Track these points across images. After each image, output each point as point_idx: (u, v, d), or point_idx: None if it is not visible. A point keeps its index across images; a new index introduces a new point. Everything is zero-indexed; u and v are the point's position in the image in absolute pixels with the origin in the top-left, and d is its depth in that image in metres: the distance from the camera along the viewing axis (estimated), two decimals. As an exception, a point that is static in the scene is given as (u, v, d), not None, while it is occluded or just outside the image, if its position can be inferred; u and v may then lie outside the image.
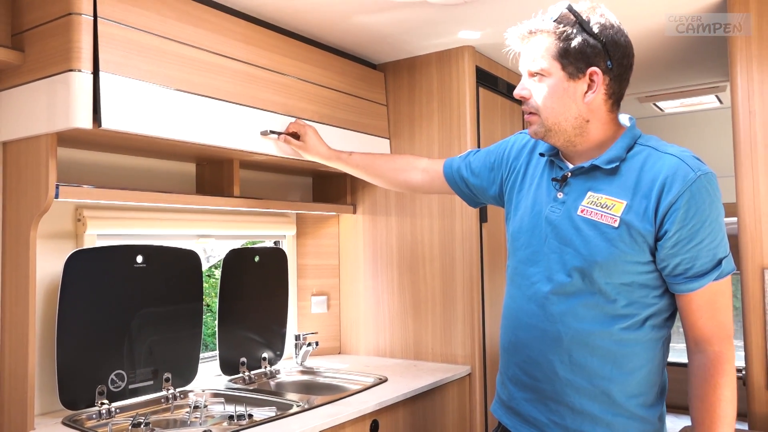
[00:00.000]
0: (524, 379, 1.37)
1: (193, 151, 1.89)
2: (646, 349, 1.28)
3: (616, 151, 1.28)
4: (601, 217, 1.26)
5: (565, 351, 1.29)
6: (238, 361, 2.16)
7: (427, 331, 2.39)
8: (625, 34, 1.29)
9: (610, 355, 1.27)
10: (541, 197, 1.37)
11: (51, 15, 1.47)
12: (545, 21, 1.29)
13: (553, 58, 1.27)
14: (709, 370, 1.23)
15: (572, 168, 1.33)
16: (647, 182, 1.24)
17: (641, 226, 1.22)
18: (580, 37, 1.25)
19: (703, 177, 1.21)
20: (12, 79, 1.56)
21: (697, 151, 1.27)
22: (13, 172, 1.58)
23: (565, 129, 1.30)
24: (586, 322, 1.28)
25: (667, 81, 2.97)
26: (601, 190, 1.28)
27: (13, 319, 1.55)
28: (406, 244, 2.46)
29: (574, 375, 1.29)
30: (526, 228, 1.39)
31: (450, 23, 2.10)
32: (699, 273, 1.22)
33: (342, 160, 1.92)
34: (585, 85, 1.28)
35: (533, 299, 1.35)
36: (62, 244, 1.75)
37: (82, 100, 1.43)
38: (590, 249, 1.26)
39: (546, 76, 1.29)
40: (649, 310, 1.27)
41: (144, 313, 1.83)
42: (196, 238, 2.18)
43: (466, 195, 1.68)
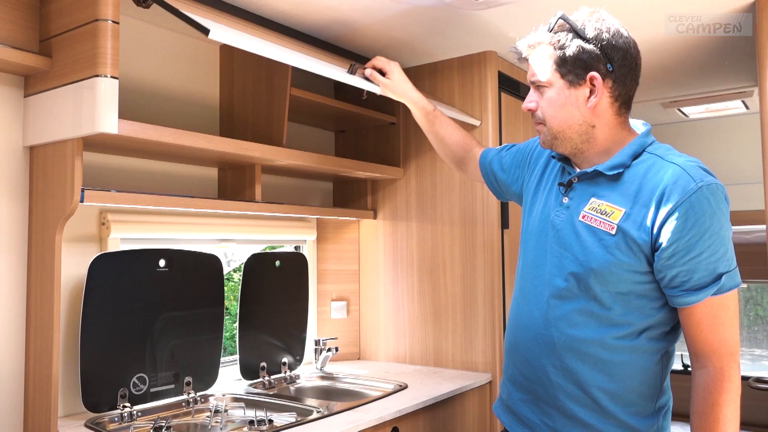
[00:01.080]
0: (521, 380, 1.39)
1: (215, 156, 1.90)
2: (640, 360, 1.26)
3: (621, 158, 1.28)
4: (600, 223, 1.26)
5: (557, 356, 1.30)
6: (258, 366, 2.16)
7: (447, 338, 2.38)
8: (625, 36, 1.29)
9: (601, 363, 1.26)
10: (550, 201, 1.39)
11: (78, 21, 1.49)
12: (542, 33, 1.32)
13: (552, 68, 1.30)
14: (710, 387, 1.20)
15: (577, 173, 1.34)
16: (648, 191, 1.23)
17: (637, 234, 1.22)
18: (576, 44, 1.27)
19: (705, 188, 1.19)
20: (40, 84, 1.58)
21: (723, 158, 1.26)
22: (40, 176, 1.60)
23: (570, 136, 1.32)
24: (579, 328, 1.28)
25: (692, 86, 2.92)
26: (603, 197, 1.28)
27: (38, 322, 1.57)
28: (426, 249, 2.45)
29: (565, 380, 1.29)
30: (534, 231, 1.40)
31: (472, 28, 2.09)
32: (697, 286, 1.19)
33: (423, 108, 1.83)
34: (587, 91, 1.28)
35: (532, 302, 1.36)
36: (86, 248, 1.77)
37: (108, 105, 1.44)
38: (587, 255, 1.26)
39: (548, 87, 1.31)
40: (646, 321, 1.26)
41: (166, 317, 1.84)
42: (218, 243, 2.19)
43: (495, 188, 1.71)
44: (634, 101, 3.42)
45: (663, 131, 3.65)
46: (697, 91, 3.01)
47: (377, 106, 2.52)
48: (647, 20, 2.03)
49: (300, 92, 2.05)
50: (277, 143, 1.96)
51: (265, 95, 2.02)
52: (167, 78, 1.99)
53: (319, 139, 2.63)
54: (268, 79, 2.01)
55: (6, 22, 1.54)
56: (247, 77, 2.08)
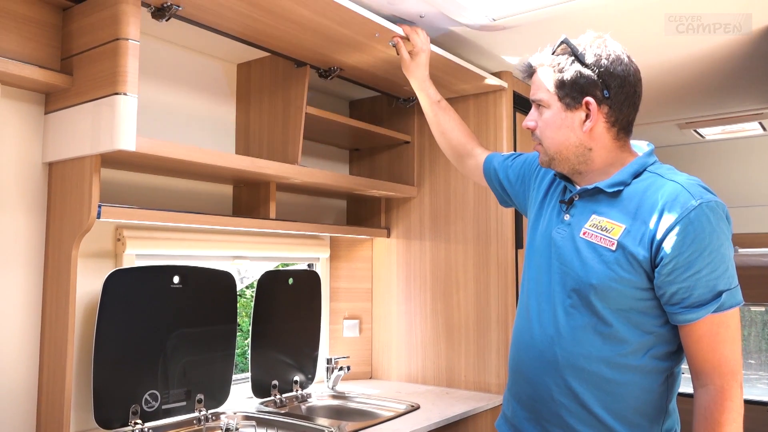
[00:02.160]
0: (524, 399, 1.38)
1: (230, 174, 1.91)
2: (644, 379, 1.26)
3: (622, 176, 1.30)
4: (600, 240, 1.27)
5: (559, 374, 1.30)
6: (269, 384, 2.15)
7: (460, 358, 2.36)
8: (625, 63, 1.30)
9: (604, 382, 1.26)
10: (552, 219, 1.39)
11: (99, 40, 1.51)
12: (545, 54, 1.35)
13: (550, 90, 1.32)
14: (710, 407, 1.19)
15: (578, 190, 1.35)
16: (647, 207, 1.24)
17: (637, 251, 1.22)
18: (574, 68, 1.29)
19: (705, 205, 1.19)
20: (60, 101, 1.61)
21: (740, 180, 1.26)
22: (58, 192, 1.61)
23: (567, 157, 1.34)
24: (582, 346, 1.27)
25: (708, 107, 2.91)
26: (604, 214, 1.29)
27: (52, 337, 1.58)
28: (439, 268, 2.44)
29: (569, 399, 1.28)
30: (537, 247, 1.41)
31: (487, 48, 2.10)
32: (696, 303, 1.19)
33: (430, 97, 1.86)
34: (583, 115, 1.30)
35: (534, 319, 1.36)
36: (102, 263, 1.78)
37: (127, 123, 1.46)
38: (587, 271, 1.27)
39: (546, 108, 1.34)
40: (649, 340, 1.25)
41: (179, 334, 1.84)
42: (232, 259, 2.19)
43: (499, 194, 1.72)
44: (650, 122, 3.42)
45: (679, 152, 3.63)
46: (714, 112, 3.00)
47: (392, 125, 2.53)
48: (659, 43, 2.03)
49: (315, 111, 2.06)
50: (292, 161, 1.97)
51: (280, 113, 2.03)
52: (185, 96, 2.02)
53: (334, 157, 2.64)
54: (284, 97, 2.03)
55: (29, 40, 1.57)
56: (264, 95, 2.09)
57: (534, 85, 1.37)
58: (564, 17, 1.82)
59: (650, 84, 2.54)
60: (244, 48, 1.91)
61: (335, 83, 2.19)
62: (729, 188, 3.45)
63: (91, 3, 1.56)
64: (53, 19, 1.62)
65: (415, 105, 2.49)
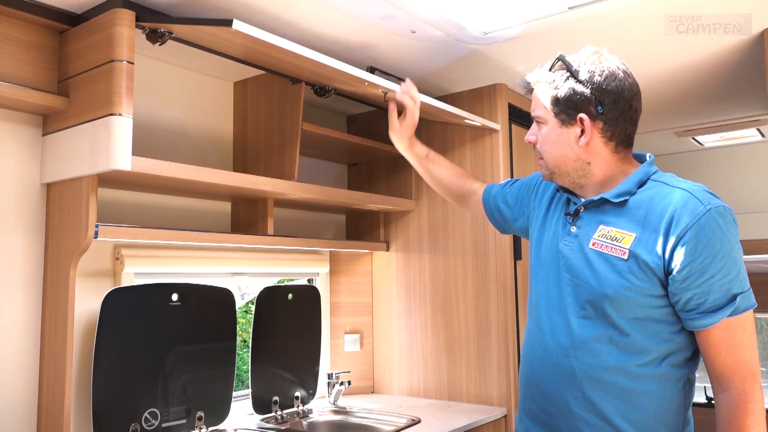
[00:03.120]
0: (540, 414, 1.36)
1: (228, 191, 1.93)
2: (663, 387, 1.25)
3: (627, 186, 1.30)
4: (611, 249, 1.27)
5: (577, 386, 1.28)
6: (270, 400, 2.15)
7: (461, 371, 2.35)
8: (620, 79, 1.31)
9: (624, 392, 1.25)
10: (558, 231, 1.39)
11: (94, 62, 1.54)
12: (542, 71, 1.37)
13: (546, 106, 1.35)
14: (734, 410, 1.19)
15: (584, 202, 1.35)
16: (656, 216, 1.24)
17: (650, 259, 1.22)
18: (569, 85, 1.31)
19: (714, 210, 1.20)
20: (57, 123, 1.63)
21: (740, 186, 1.27)
22: (56, 212, 1.63)
23: (566, 171, 1.36)
24: (600, 357, 1.26)
25: (706, 115, 2.91)
26: (612, 223, 1.29)
27: (51, 356, 1.59)
28: (439, 281, 2.44)
29: (587, 412, 1.27)
30: (544, 262, 1.41)
31: (482, 62, 2.11)
32: (712, 308, 1.19)
33: (418, 156, 1.89)
34: (578, 130, 1.32)
35: (547, 333, 1.35)
36: (100, 282, 1.79)
37: (122, 143, 1.48)
38: (600, 281, 1.26)
39: (543, 123, 1.37)
40: (666, 347, 1.25)
41: (178, 351, 1.84)
42: (231, 276, 2.20)
43: (498, 223, 1.73)
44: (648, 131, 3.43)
45: (678, 160, 3.63)
46: (711, 119, 3.00)
47: (389, 141, 2.54)
48: (656, 52, 2.04)
49: (311, 127, 2.08)
50: (289, 177, 1.98)
51: (277, 130, 2.05)
52: (182, 114, 2.04)
53: (332, 172, 2.66)
54: (280, 114, 2.05)
55: (27, 64, 1.60)
56: (260, 112, 2.11)
57: (533, 102, 1.39)
58: (556, 29, 1.84)
59: (648, 93, 2.54)
60: (239, 66, 1.93)
61: (332, 98, 2.21)
62: (729, 195, 3.42)
63: (86, 26, 1.58)
64: (50, 43, 1.65)
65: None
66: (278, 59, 1.77)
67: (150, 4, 1.61)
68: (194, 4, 1.62)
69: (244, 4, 1.63)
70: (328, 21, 1.75)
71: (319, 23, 1.77)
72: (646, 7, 1.68)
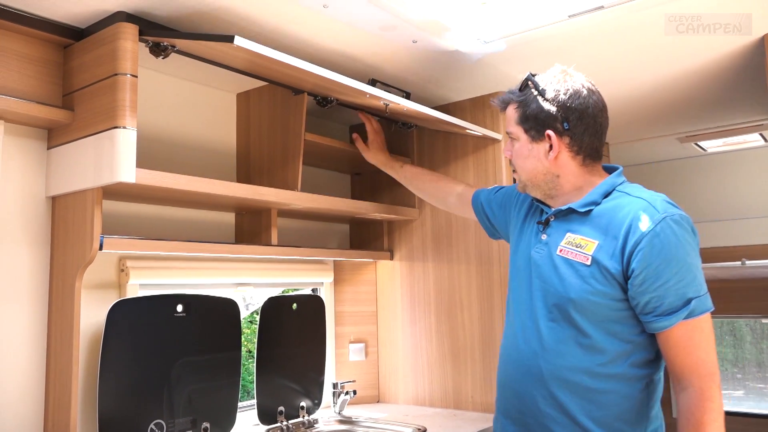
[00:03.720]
0: (513, 413, 1.45)
1: (231, 202, 1.94)
2: (625, 387, 1.33)
3: (593, 197, 1.40)
4: (575, 255, 1.36)
5: (545, 386, 1.37)
6: (275, 410, 2.15)
7: (467, 379, 2.35)
8: (584, 96, 1.40)
9: (587, 391, 1.33)
10: (531, 239, 1.49)
11: (98, 76, 1.55)
12: (513, 91, 1.49)
13: (517, 123, 1.47)
14: (692, 409, 1.26)
15: (553, 211, 1.46)
16: (617, 223, 1.33)
17: (610, 264, 1.31)
18: (536, 103, 1.42)
19: (669, 218, 1.28)
20: (62, 136, 1.64)
21: (745, 191, 1.31)
22: (61, 225, 1.64)
23: (537, 184, 1.47)
24: (565, 358, 1.35)
25: (708, 120, 2.91)
26: (577, 231, 1.39)
27: (57, 369, 1.59)
28: (443, 289, 2.44)
29: (555, 410, 1.35)
30: (518, 268, 1.50)
31: (482, 70, 2.12)
32: (668, 311, 1.27)
33: (394, 169, 2.19)
34: (547, 146, 1.42)
35: (519, 336, 1.45)
36: (106, 294, 1.80)
37: (126, 156, 1.49)
38: (565, 286, 1.35)
39: (516, 140, 1.48)
40: (627, 348, 1.33)
41: (183, 362, 1.85)
42: (235, 287, 2.21)
43: (487, 227, 1.84)
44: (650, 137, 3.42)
45: (681, 166, 3.63)
46: (714, 125, 3.00)
47: (392, 148, 2.55)
48: (656, 58, 2.05)
49: (314, 137, 2.09)
50: (292, 187, 1.99)
51: (280, 141, 2.06)
52: (186, 126, 2.05)
53: (335, 181, 2.66)
54: (282, 125, 2.06)
55: (32, 78, 1.61)
56: (263, 123, 2.13)
57: (506, 119, 1.51)
58: (557, 37, 1.85)
59: (650, 98, 2.56)
60: (242, 78, 1.94)
61: (334, 108, 2.22)
62: (732, 200, 3.44)
63: (90, 40, 1.60)
64: (55, 57, 1.66)
65: (414, 129, 2.51)
66: (280, 71, 1.79)
67: (153, 18, 1.62)
68: (197, 18, 1.64)
69: (246, 18, 1.65)
70: (330, 32, 1.77)
71: (321, 35, 1.78)
72: (646, 13, 1.69)
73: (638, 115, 2.76)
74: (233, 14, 1.62)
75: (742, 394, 4.01)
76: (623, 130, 3.02)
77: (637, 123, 2.90)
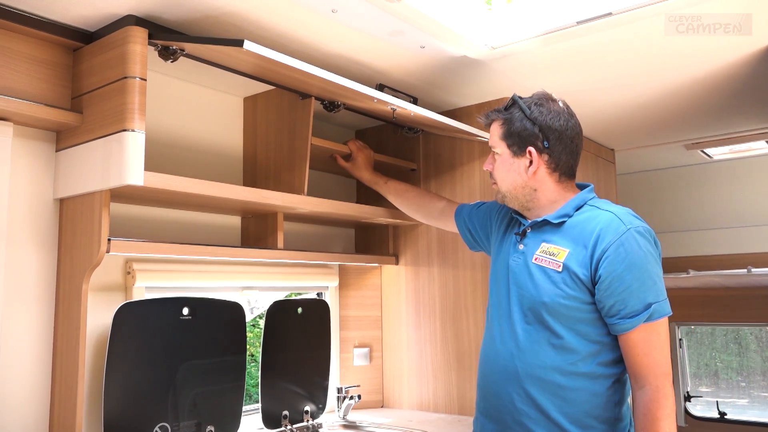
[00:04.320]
0: (491, 412, 1.55)
1: (238, 206, 1.94)
2: (593, 385, 1.44)
3: (566, 210, 1.53)
4: (548, 263, 1.48)
5: (520, 385, 1.47)
6: (280, 415, 2.15)
7: (472, 385, 2.34)
8: (564, 119, 1.54)
9: (559, 389, 1.44)
10: (509, 249, 1.61)
11: (108, 79, 1.56)
12: (499, 110, 1.60)
13: (500, 139, 1.58)
14: (648, 404, 1.37)
15: (530, 223, 1.58)
16: (586, 234, 1.46)
17: (579, 271, 1.43)
18: (520, 121, 1.55)
19: (633, 230, 1.42)
20: (70, 139, 1.65)
21: (751, 199, 1.36)
22: (68, 227, 1.65)
23: (516, 196, 1.59)
24: (538, 357, 1.46)
25: (715, 127, 2.91)
26: (551, 241, 1.52)
27: (63, 371, 1.59)
28: (448, 295, 2.44)
29: (529, 407, 1.46)
30: (498, 276, 1.62)
31: (489, 76, 2.12)
32: (630, 314, 1.39)
33: (378, 185, 2.26)
34: (527, 161, 1.55)
35: (497, 339, 1.56)
36: (112, 297, 1.80)
37: (135, 158, 1.49)
38: (539, 291, 1.47)
39: (499, 154, 1.60)
40: (595, 348, 1.44)
41: (189, 366, 1.85)
42: (241, 290, 2.21)
43: (468, 239, 1.95)
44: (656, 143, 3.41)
45: (686, 173, 3.62)
46: (720, 132, 2.99)
47: (398, 153, 2.56)
48: (663, 66, 2.05)
49: (320, 141, 2.09)
50: (299, 191, 1.99)
51: (286, 145, 2.07)
52: (193, 129, 2.06)
53: (341, 186, 2.67)
54: (289, 129, 2.06)
55: (41, 81, 1.62)
56: (270, 128, 2.13)
57: (490, 135, 1.62)
58: (564, 44, 1.85)
59: (656, 105, 2.56)
60: (249, 82, 1.95)
61: (340, 112, 2.23)
62: (738, 208, 3.43)
63: (100, 43, 1.61)
64: (64, 60, 1.67)
65: (420, 134, 2.51)
66: (288, 75, 1.79)
67: (162, 22, 1.63)
68: (205, 22, 1.64)
69: (254, 22, 1.66)
70: (338, 37, 1.77)
71: (329, 40, 1.79)
72: (654, 21, 1.69)
73: (645, 121, 2.75)
74: (241, 18, 1.63)
75: (747, 402, 3.99)
76: (629, 136, 3.02)
77: (644, 129, 2.90)
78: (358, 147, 2.29)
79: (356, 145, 2.29)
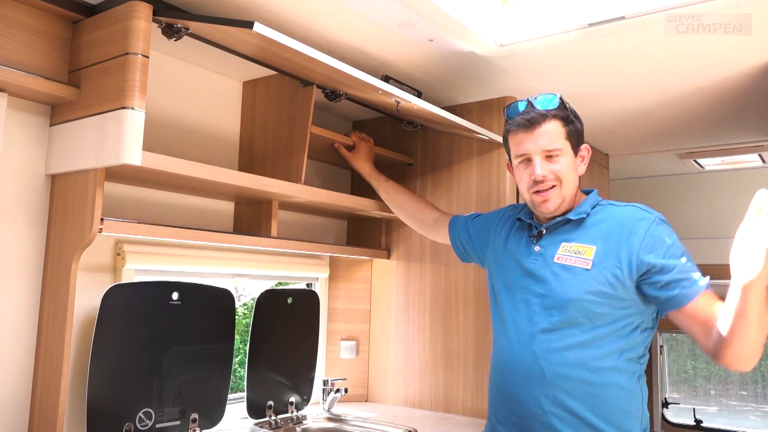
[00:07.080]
0: (513, 419, 1.52)
1: (233, 191, 1.90)
2: (621, 379, 1.44)
3: (584, 207, 1.55)
4: (575, 261, 1.48)
5: (548, 386, 1.45)
6: (265, 405, 2.12)
7: (458, 384, 2.33)
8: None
9: (588, 385, 1.43)
10: (521, 254, 1.60)
11: (108, 54, 1.51)
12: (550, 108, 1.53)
13: (565, 139, 1.54)
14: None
15: (548, 224, 1.57)
16: (614, 229, 1.47)
17: (612, 265, 1.44)
18: (574, 122, 1.56)
19: (659, 218, 1.48)
20: (66, 114, 1.60)
21: (739, 210, 1.41)
22: (60, 204, 1.60)
23: (572, 195, 1.56)
24: (564, 356, 1.45)
25: (708, 138, 2.93)
26: (573, 240, 1.52)
27: (48, 351, 1.55)
28: (439, 292, 2.42)
29: (557, 407, 1.44)
30: (510, 281, 1.60)
31: (492, 74, 2.11)
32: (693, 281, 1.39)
33: (378, 181, 2.22)
34: (580, 159, 1.59)
35: (515, 342, 1.53)
36: (101, 278, 1.76)
37: (133, 137, 1.45)
38: (565, 289, 1.47)
39: (562, 156, 1.54)
40: (622, 344, 1.45)
41: (175, 351, 1.81)
42: (231, 277, 2.17)
43: (460, 251, 1.95)
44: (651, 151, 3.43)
45: (678, 182, 3.64)
46: (714, 143, 3.02)
47: (395, 147, 2.54)
48: (661, 75, 2.05)
49: (320, 130, 2.06)
50: (295, 180, 1.96)
51: (285, 132, 2.03)
52: (189, 111, 2.01)
53: (334, 176, 2.64)
54: (289, 116, 2.03)
55: (37, 52, 1.57)
56: (269, 114, 2.09)
57: (547, 135, 1.52)
58: (571, 46, 1.83)
59: (653, 114, 2.57)
60: (250, 66, 1.91)
61: (340, 103, 2.20)
62: (726, 218, 3.45)
63: (101, 17, 1.56)
64: (63, 32, 1.62)
65: (419, 128, 2.49)
66: (292, 61, 1.76)
67: (167, -1, 1.59)
68: (211, 1, 1.60)
69: (261, 5, 1.62)
70: (345, 26, 1.74)
71: (335, 28, 1.76)
72: (661, 28, 1.69)
73: (641, 128, 2.76)
74: (248, 0, 1.59)
75: (716, 410, 4.05)
76: (625, 142, 3.03)
77: (640, 136, 2.91)
78: (361, 138, 2.26)
79: (359, 136, 2.27)
